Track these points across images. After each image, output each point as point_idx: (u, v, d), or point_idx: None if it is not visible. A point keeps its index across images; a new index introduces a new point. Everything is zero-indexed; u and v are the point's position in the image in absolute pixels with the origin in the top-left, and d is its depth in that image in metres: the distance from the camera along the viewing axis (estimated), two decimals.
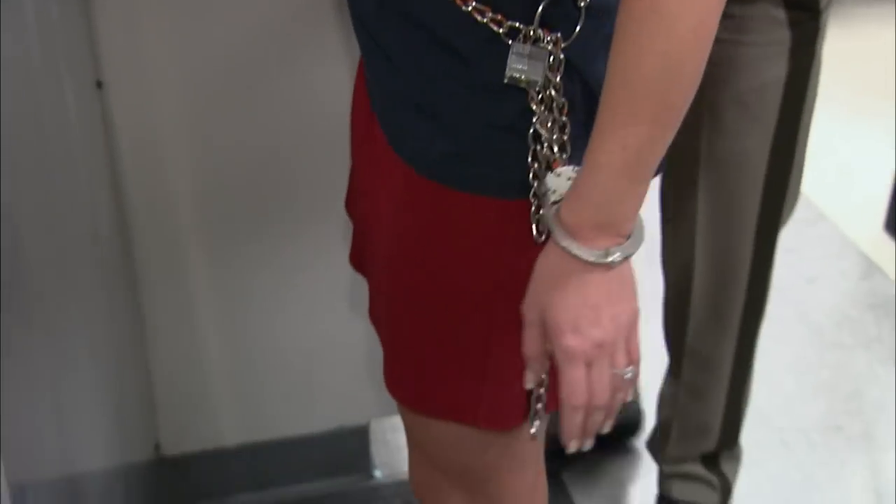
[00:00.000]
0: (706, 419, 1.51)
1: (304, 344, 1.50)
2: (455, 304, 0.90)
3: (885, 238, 2.21)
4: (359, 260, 1.07)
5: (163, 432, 1.50)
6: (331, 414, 1.55)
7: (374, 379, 1.47)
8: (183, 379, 1.49)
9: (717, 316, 1.43)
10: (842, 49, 2.77)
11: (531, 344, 0.85)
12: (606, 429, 0.87)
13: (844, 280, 2.14)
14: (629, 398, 0.86)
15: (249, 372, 1.51)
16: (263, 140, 1.38)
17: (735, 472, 1.55)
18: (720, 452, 1.53)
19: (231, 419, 1.53)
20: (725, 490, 1.55)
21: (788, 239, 2.14)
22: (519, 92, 0.81)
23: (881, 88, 2.58)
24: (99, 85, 1.30)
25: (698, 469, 1.55)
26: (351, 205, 1.07)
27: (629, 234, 0.80)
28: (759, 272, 1.41)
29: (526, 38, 0.80)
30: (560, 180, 0.82)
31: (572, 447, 0.87)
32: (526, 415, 0.91)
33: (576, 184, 0.80)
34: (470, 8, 0.80)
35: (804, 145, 1.34)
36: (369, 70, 0.92)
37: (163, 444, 1.49)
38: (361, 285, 1.35)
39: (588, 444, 0.86)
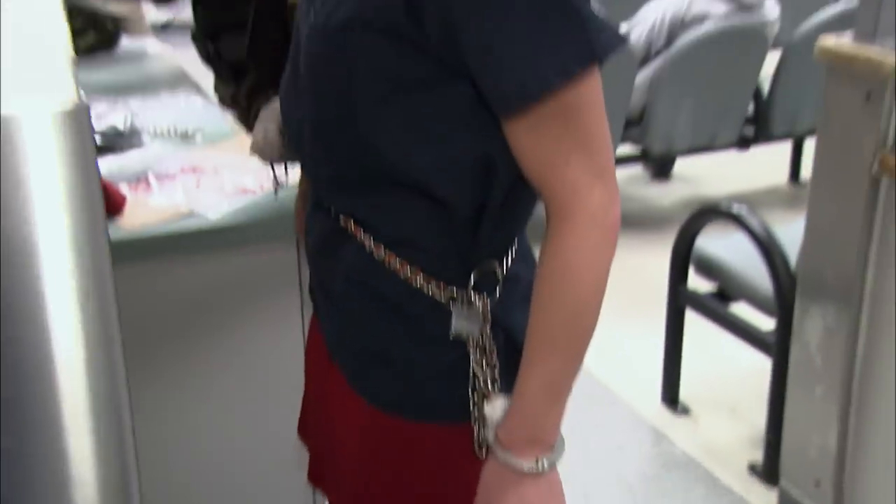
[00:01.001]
0: None
1: None
2: None
3: (663, 409, 2.58)
4: (317, 477, 1.16)
5: None
6: None
7: None
8: None
9: None
10: (615, 269, 3.35)
11: None
12: None
13: (642, 446, 2.42)
14: None
15: None
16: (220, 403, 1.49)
17: None
18: None
19: None
20: None
21: (597, 418, 2.60)
22: (457, 342, 0.94)
23: (646, 297, 2.89)
24: None
25: None
26: (303, 430, 1.17)
27: (553, 444, 0.91)
28: None
29: (462, 301, 0.93)
30: (495, 409, 0.93)
31: None
32: None
33: (509, 409, 0.91)
34: (419, 281, 0.93)
35: None
36: (329, 330, 1.03)
37: None
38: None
39: None
